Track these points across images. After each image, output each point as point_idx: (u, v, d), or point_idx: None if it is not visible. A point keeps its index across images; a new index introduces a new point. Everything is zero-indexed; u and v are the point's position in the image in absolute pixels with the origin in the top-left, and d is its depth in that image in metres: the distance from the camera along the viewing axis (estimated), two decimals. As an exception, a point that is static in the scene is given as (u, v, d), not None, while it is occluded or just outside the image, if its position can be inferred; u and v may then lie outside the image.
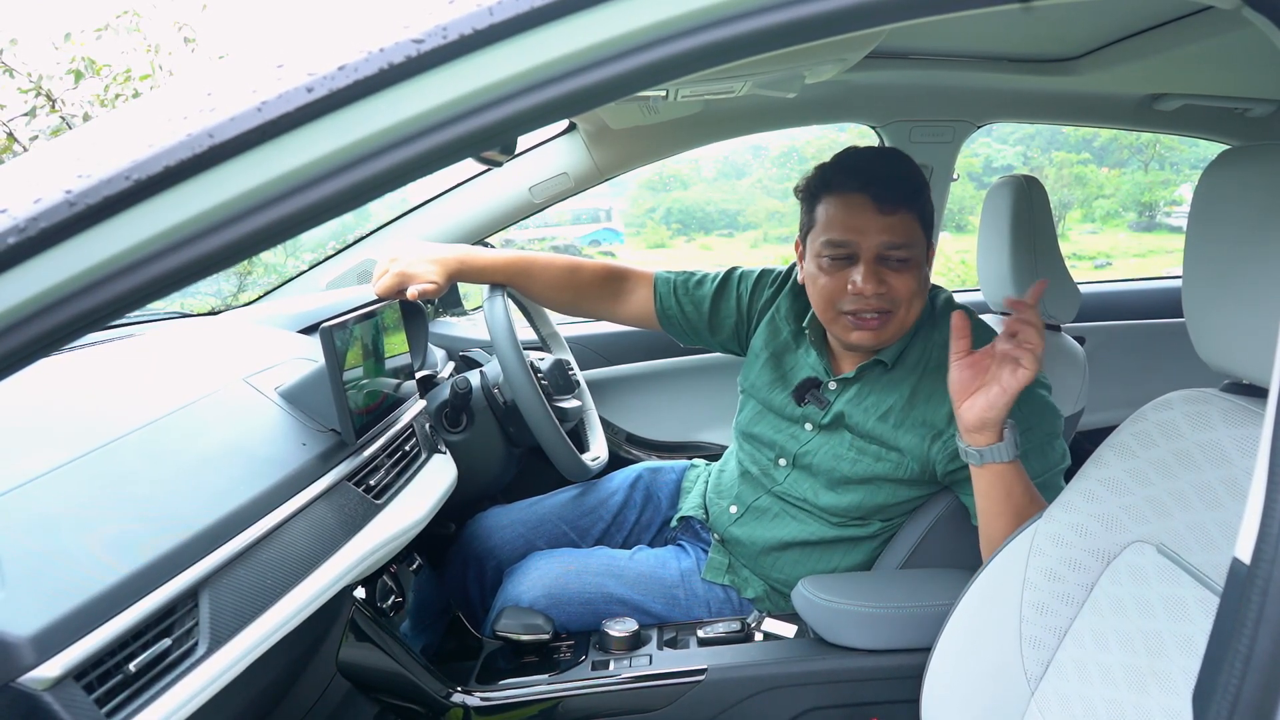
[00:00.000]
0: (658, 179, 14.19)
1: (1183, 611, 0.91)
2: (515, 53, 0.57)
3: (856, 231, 1.33)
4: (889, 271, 1.33)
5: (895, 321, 1.36)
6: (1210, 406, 0.93)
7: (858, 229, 1.33)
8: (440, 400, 1.72)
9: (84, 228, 0.55)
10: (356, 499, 1.22)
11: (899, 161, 1.38)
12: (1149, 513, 0.98)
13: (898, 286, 1.34)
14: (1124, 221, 13.03)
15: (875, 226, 1.32)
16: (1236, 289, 0.87)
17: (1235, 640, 0.61)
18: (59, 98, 4.16)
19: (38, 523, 0.84)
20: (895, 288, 1.34)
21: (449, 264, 1.56)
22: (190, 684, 0.83)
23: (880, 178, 1.33)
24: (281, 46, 0.60)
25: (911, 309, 1.36)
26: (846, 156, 1.39)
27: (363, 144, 0.57)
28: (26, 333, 0.56)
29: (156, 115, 0.58)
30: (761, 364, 1.57)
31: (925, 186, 1.37)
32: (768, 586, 1.52)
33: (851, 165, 1.36)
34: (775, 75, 1.32)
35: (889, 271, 1.33)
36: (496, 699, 1.36)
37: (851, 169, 1.36)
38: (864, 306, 1.34)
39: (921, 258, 1.36)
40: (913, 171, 1.37)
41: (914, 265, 1.34)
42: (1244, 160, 0.90)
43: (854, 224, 1.33)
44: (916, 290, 1.35)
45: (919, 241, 1.34)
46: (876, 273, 1.33)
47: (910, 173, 1.37)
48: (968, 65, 1.88)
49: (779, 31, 0.58)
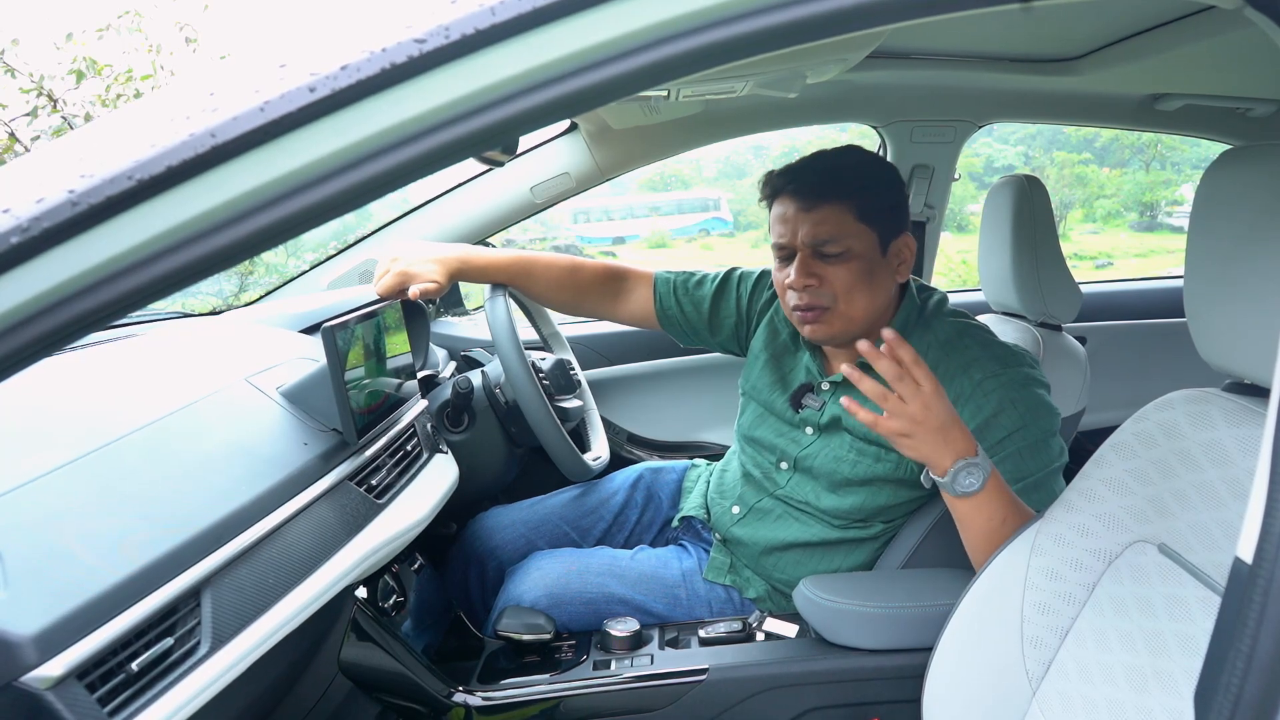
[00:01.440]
0: (658, 179, 14.19)
1: (1184, 611, 0.91)
2: (517, 52, 0.57)
3: (787, 229, 1.36)
4: (823, 265, 1.34)
5: (837, 315, 1.36)
6: (1212, 406, 0.93)
7: (787, 227, 1.36)
8: (442, 400, 1.73)
9: (87, 227, 0.55)
10: (358, 499, 1.22)
11: (832, 157, 1.39)
12: (1151, 512, 0.98)
13: (833, 279, 1.34)
14: (1125, 221, 13.03)
15: (800, 223, 1.34)
16: (1238, 289, 0.87)
17: (1237, 640, 0.61)
18: (60, 98, 4.16)
19: (40, 522, 0.84)
20: (830, 280, 1.34)
21: (450, 263, 1.57)
22: (192, 683, 0.84)
23: (803, 176, 1.35)
24: (284, 46, 0.60)
25: (854, 302, 1.35)
26: (793, 162, 1.41)
27: (365, 144, 0.57)
28: (29, 332, 0.56)
29: (159, 115, 0.58)
30: (762, 366, 1.57)
31: (865, 176, 1.37)
32: (769, 586, 1.52)
33: (785, 169, 1.39)
34: (777, 75, 1.32)
35: (823, 265, 1.34)
36: (498, 698, 1.36)
37: (784, 172, 1.38)
38: (800, 302, 1.37)
39: (866, 249, 1.34)
40: (845, 165, 1.38)
41: (851, 257, 1.34)
42: (1246, 160, 0.90)
43: (784, 222, 1.36)
44: (855, 282, 1.34)
45: (853, 233, 1.33)
46: (808, 266, 1.34)
47: (841, 166, 1.37)
48: (969, 65, 1.89)
49: (780, 31, 0.58)
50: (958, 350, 1.36)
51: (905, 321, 1.40)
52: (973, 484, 1.19)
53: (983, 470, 1.19)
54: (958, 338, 1.38)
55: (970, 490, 1.18)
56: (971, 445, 1.19)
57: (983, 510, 1.20)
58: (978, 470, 1.18)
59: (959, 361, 1.34)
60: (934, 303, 1.45)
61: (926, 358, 1.37)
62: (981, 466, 1.19)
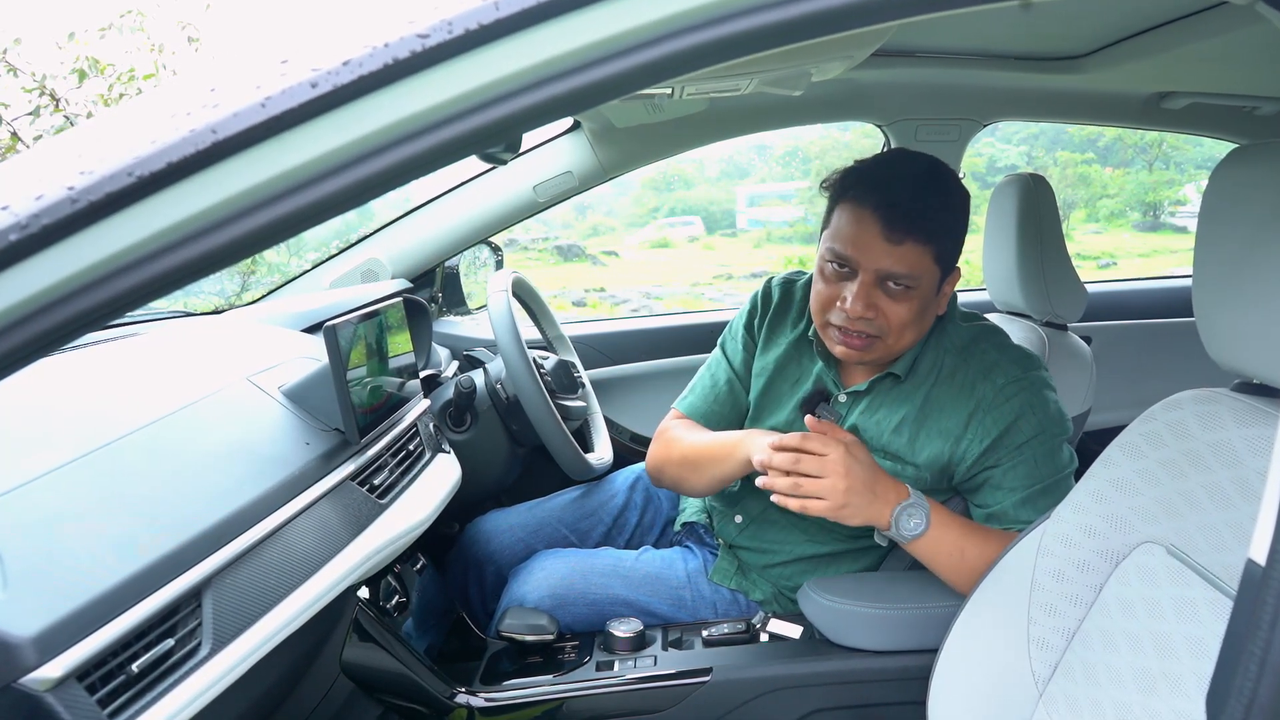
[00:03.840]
0: (661, 179, 14.21)
1: (1193, 613, 0.90)
2: (521, 48, 0.56)
3: (858, 249, 1.26)
4: (885, 297, 1.26)
5: (882, 346, 1.30)
6: (1221, 406, 0.92)
7: (861, 247, 1.26)
8: (444, 399, 1.72)
9: (86, 224, 0.55)
10: (360, 499, 1.21)
11: (927, 185, 1.27)
12: (1158, 513, 0.97)
13: (890, 313, 1.27)
14: (1128, 221, 13.03)
15: (878, 251, 1.24)
16: (1247, 288, 0.86)
17: (1250, 642, 0.60)
18: (63, 97, 4.17)
19: (40, 522, 0.83)
20: (887, 314, 1.27)
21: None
22: (193, 684, 0.83)
23: (897, 201, 1.24)
24: (285, 41, 0.60)
25: (903, 337, 1.30)
26: (875, 165, 1.31)
27: (367, 140, 0.56)
28: (28, 330, 0.55)
29: (160, 111, 0.57)
30: (762, 387, 1.50)
31: (953, 218, 1.28)
32: (776, 590, 1.50)
33: (874, 178, 1.28)
34: (781, 73, 1.31)
35: (885, 297, 1.26)
36: (500, 699, 1.36)
37: (873, 182, 1.27)
38: (850, 326, 1.29)
39: (927, 288, 1.28)
40: (940, 199, 1.27)
41: (915, 295, 1.27)
42: (1255, 158, 0.89)
43: (858, 241, 1.26)
44: (911, 320, 1.28)
45: (926, 273, 1.26)
46: (870, 295, 1.26)
47: (935, 201, 1.26)
48: (974, 63, 1.88)
49: (785, 27, 0.57)
50: (975, 355, 1.34)
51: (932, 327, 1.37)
52: (918, 524, 1.22)
53: (921, 508, 1.22)
54: (974, 342, 1.36)
55: (918, 531, 1.21)
56: (903, 489, 1.20)
57: (940, 546, 1.23)
58: (917, 510, 1.21)
59: (979, 366, 1.33)
60: (948, 306, 1.43)
61: (943, 363, 1.35)
62: (919, 505, 1.22)
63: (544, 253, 12.00)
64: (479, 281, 2.24)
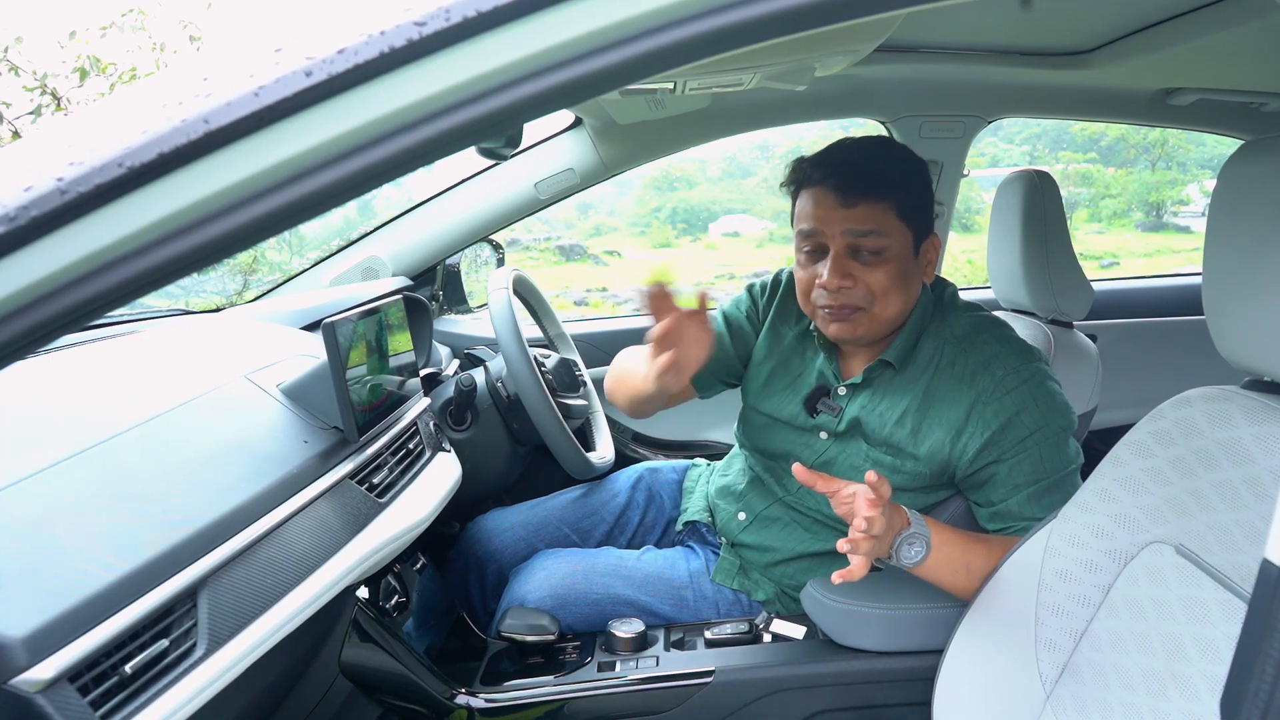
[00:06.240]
0: (663, 178, 14.21)
1: (1203, 614, 0.89)
2: (521, 36, 0.55)
3: (820, 220, 1.30)
4: (859, 265, 1.30)
5: (871, 317, 1.32)
6: (1231, 404, 0.91)
7: (821, 218, 1.30)
8: (445, 398, 1.71)
9: (76, 216, 0.54)
10: (359, 497, 1.20)
11: (872, 150, 1.34)
12: (1168, 513, 0.96)
13: (869, 280, 1.29)
14: (1131, 221, 13.02)
15: (838, 216, 1.29)
16: (1258, 284, 0.85)
17: (1266, 644, 0.59)
18: (64, 96, 4.17)
19: (33, 520, 0.82)
20: (867, 281, 1.29)
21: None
22: (188, 686, 0.82)
23: (843, 168, 1.30)
24: (279, 30, 0.59)
25: (889, 304, 1.31)
26: (823, 150, 1.36)
27: (363, 130, 0.55)
28: (16, 326, 0.54)
29: (151, 101, 0.56)
30: (766, 375, 1.50)
31: (906, 174, 1.32)
32: (779, 589, 1.49)
33: (820, 158, 1.33)
34: (784, 67, 1.30)
35: (859, 265, 1.30)
36: (501, 700, 1.35)
37: (819, 161, 1.33)
38: (833, 302, 1.31)
39: (903, 250, 1.31)
40: (887, 159, 1.33)
41: (890, 258, 1.29)
42: (1265, 153, 0.88)
43: (818, 214, 1.31)
44: (891, 284, 1.30)
45: (893, 231, 1.29)
46: (844, 266, 1.29)
47: (882, 161, 1.32)
48: (979, 59, 1.86)
49: (788, 16, 0.56)
50: (976, 346, 1.33)
51: (922, 317, 1.38)
52: (918, 551, 1.21)
53: (921, 536, 1.21)
54: (975, 333, 1.35)
55: (918, 558, 1.20)
56: (904, 517, 1.20)
57: (941, 566, 1.22)
58: (918, 539, 1.21)
59: (979, 358, 1.32)
60: (948, 296, 1.42)
61: (943, 353, 1.35)
62: (920, 534, 1.21)
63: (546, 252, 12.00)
64: (480, 279, 2.24)
